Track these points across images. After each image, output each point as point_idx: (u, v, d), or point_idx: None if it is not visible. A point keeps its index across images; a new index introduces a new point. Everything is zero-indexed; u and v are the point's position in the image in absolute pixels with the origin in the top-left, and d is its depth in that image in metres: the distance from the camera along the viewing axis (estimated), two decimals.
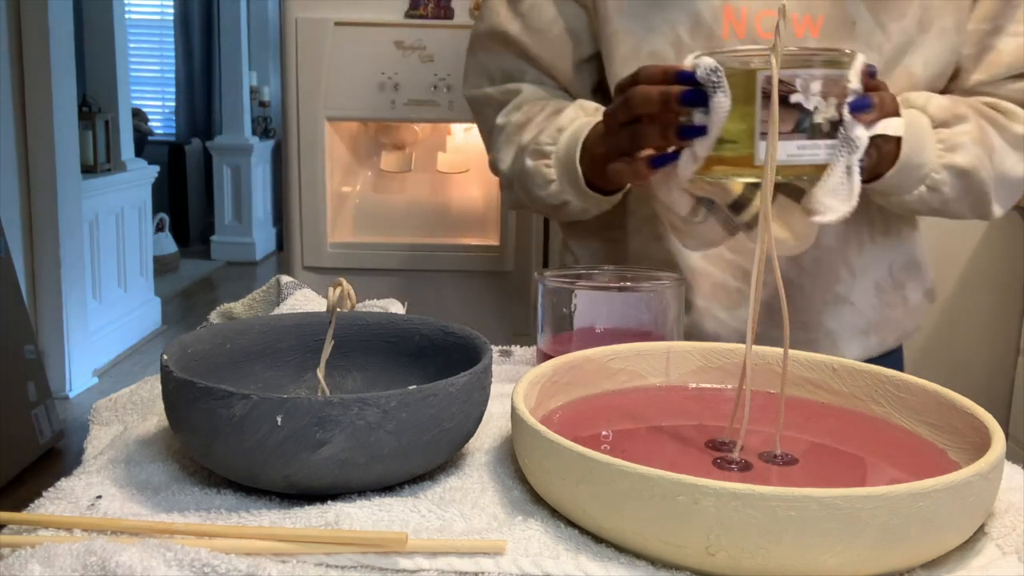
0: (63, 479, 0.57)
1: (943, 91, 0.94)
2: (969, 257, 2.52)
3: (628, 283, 0.82)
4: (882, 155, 0.83)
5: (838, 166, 0.71)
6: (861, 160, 0.71)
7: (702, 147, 0.71)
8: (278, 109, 6.13)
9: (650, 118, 0.75)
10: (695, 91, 0.71)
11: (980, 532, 0.53)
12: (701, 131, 0.71)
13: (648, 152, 0.77)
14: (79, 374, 3.60)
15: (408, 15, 2.19)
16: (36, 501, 0.54)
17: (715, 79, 0.69)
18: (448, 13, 2.20)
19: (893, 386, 0.67)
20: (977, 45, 0.94)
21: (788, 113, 0.68)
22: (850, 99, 0.70)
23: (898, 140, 0.83)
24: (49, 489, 0.56)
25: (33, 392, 2.97)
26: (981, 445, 0.56)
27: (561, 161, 0.92)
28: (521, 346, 0.93)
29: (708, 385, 0.72)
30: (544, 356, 0.78)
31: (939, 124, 0.88)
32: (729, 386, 0.71)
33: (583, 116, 0.94)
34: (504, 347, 0.92)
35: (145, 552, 0.46)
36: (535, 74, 1.02)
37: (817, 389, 0.69)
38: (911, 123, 0.85)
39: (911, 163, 0.85)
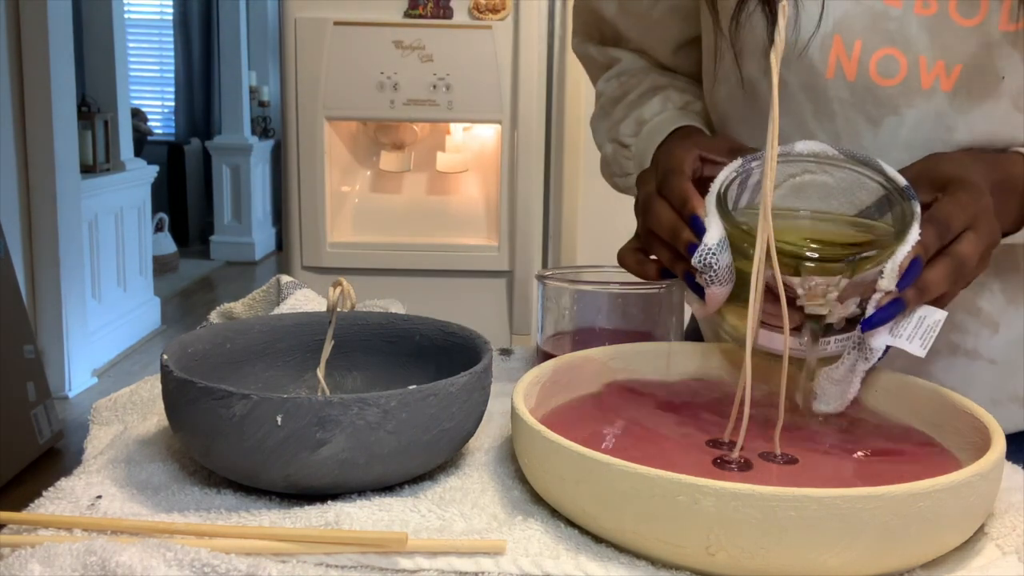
0: (63, 479, 0.57)
1: None
2: None
3: (628, 283, 0.82)
4: (996, 232, 0.65)
5: (847, 361, 0.63)
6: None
7: (700, 308, 0.66)
8: (277, 109, 6.13)
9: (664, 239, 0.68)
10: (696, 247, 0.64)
11: (980, 532, 0.53)
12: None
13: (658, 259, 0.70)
14: (78, 374, 3.60)
15: (407, 15, 2.19)
16: (36, 501, 0.54)
17: (708, 277, 0.63)
18: (447, 13, 2.20)
19: (893, 386, 0.67)
20: None
21: (794, 312, 0.61)
22: (873, 303, 0.60)
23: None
24: (49, 489, 0.56)
25: (33, 392, 2.97)
26: (981, 445, 0.56)
27: (638, 157, 0.86)
28: (521, 346, 0.93)
29: (708, 384, 0.72)
30: (544, 356, 0.78)
31: None
32: (726, 377, 0.71)
33: (669, 108, 0.86)
34: (504, 347, 0.92)
35: (145, 552, 0.46)
36: (633, 49, 0.94)
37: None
38: None
39: None
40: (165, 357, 0.59)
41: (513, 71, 2.21)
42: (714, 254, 0.62)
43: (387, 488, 0.57)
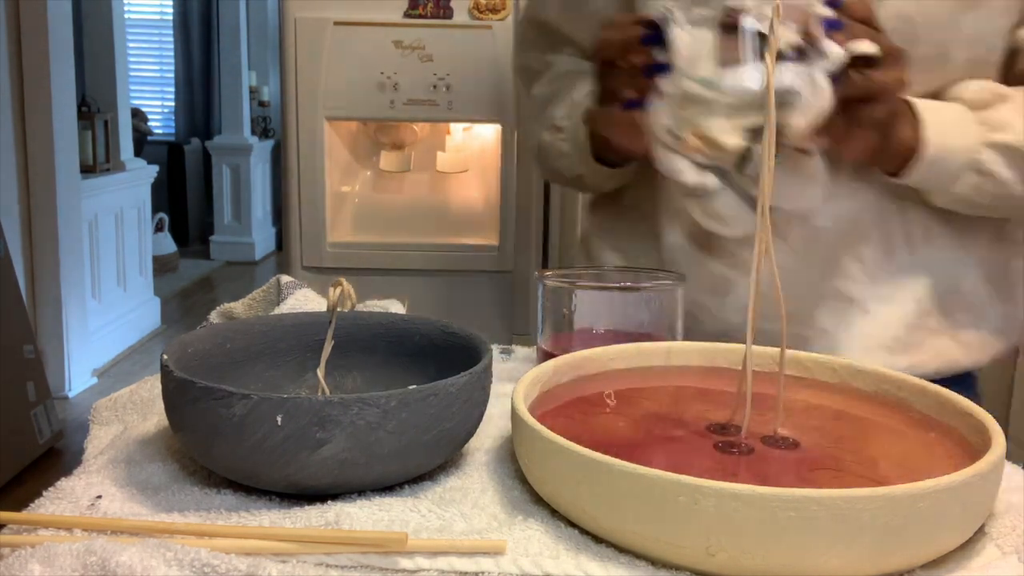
0: (63, 479, 0.57)
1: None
2: None
3: (628, 283, 0.82)
4: (897, 139, 0.76)
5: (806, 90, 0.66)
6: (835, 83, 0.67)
7: (666, 83, 0.69)
8: (277, 109, 6.13)
9: (619, 64, 0.74)
10: (655, 33, 0.70)
11: (980, 532, 0.53)
12: (665, 68, 0.69)
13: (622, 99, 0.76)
14: (79, 374, 3.60)
15: (407, 15, 2.19)
16: (36, 501, 0.54)
17: (669, 14, 0.69)
18: (447, 13, 2.20)
19: (893, 386, 0.67)
20: None
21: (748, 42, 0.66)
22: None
23: (915, 124, 0.77)
24: (49, 489, 0.56)
25: (33, 392, 2.97)
26: (981, 445, 0.56)
27: (572, 134, 0.91)
28: (521, 346, 0.93)
29: (709, 385, 0.72)
30: (545, 355, 0.78)
31: (978, 107, 0.80)
32: (727, 371, 0.71)
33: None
34: (504, 346, 0.92)
35: (145, 552, 0.46)
36: (572, 50, 0.98)
37: (816, 389, 0.69)
38: (941, 108, 0.78)
39: (945, 146, 0.77)
40: (165, 357, 0.59)
41: (513, 71, 2.21)
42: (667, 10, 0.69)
43: (387, 488, 0.57)
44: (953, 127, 0.78)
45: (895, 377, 0.67)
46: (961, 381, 0.90)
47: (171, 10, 6.56)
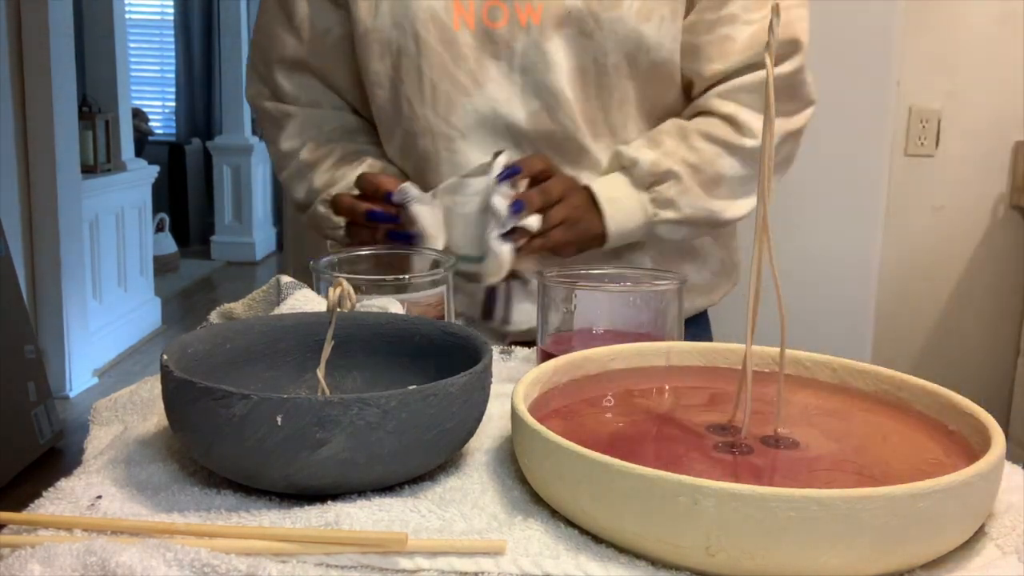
0: (63, 479, 0.57)
1: (689, 81, 1.03)
2: (969, 257, 2.52)
3: (628, 283, 0.82)
4: (588, 235, 0.98)
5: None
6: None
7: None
8: None
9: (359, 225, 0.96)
10: (382, 214, 0.93)
11: (980, 532, 0.53)
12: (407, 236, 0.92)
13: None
14: (79, 374, 3.60)
15: None
16: (36, 501, 0.54)
17: (408, 208, 0.91)
18: None
19: (893, 386, 0.67)
20: (708, 34, 0.99)
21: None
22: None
23: (599, 216, 0.97)
24: (49, 489, 0.56)
25: (33, 392, 2.97)
26: (981, 445, 0.56)
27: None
28: (521, 347, 0.93)
29: (709, 385, 0.72)
30: (545, 356, 0.78)
31: (650, 184, 0.99)
32: (732, 367, 0.71)
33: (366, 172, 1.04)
34: (504, 347, 0.92)
35: (145, 552, 0.46)
36: (307, 94, 1.09)
37: (816, 389, 0.69)
38: (616, 194, 0.98)
39: (626, 227, 0.99)
40: (165, 357, 0.59)
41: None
42: (405, 192, 0.91)
43: (387, 488, 0.57)
44: (628, 214, 0.99)
45: (895, 377, 0.67)
46: (699, 318, 1.14)
47: (172, 10, 6.56)
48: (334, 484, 0.55)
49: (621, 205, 0.98)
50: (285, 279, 0.84)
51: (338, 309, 0.64)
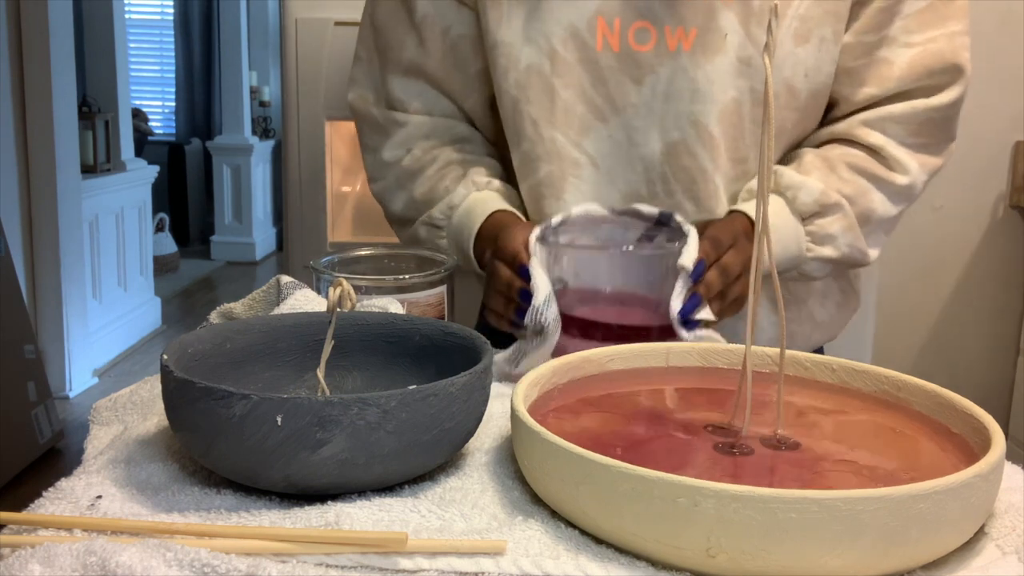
0: (63, 479, 0.57)
1: (831, 102, 0.96)
2: (969, 257, 2.52)
3: (628, 244, 0.83)
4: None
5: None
6: None
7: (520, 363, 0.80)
8: (278, 109, 6.13)
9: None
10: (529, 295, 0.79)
11: (980, 532, 0.53)
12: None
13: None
14: (79, 374, 3.60)
15: None
16: (36, 501, 0.54)
17: (539, 338, 0.79)
18: None
19: (893, 386, 0.67)
20: (864, 57, 0.92)
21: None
22: (677, 298, 0.79)
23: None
24: (49, 489, 0.56)
25: (33, 392, 2.97)
26: (981, 446, 0.56)
27: (453, 238, 0.99)
28: None
29: (708, 385, 0.72)
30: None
31: (811, 215, 0.91)
32: (731, 367, 0.71)
33: (473, 191, 0.98)
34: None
35: (145, 552, 0.46)
36: (420, 104, 1.03)
37: (815, 389, 0.69)
38: (775, 223, 0.89)
39: (776, 259, 0.89)
40: (165, 357, 0.59)
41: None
42: (542, 313, 0.77)
43: (387, 488, 0.57)
44: (780, 245, 0.91)
45: (895, 377, 0.67)
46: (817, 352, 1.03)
47: (172, 10, 6.56)
48: (334, 484, 0.55)
49: (778, 235, 0.90)
50: (285, 279, 0.84)
51: (338, 309, 0.64)
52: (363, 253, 0.92)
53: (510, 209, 0.97)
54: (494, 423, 0.68)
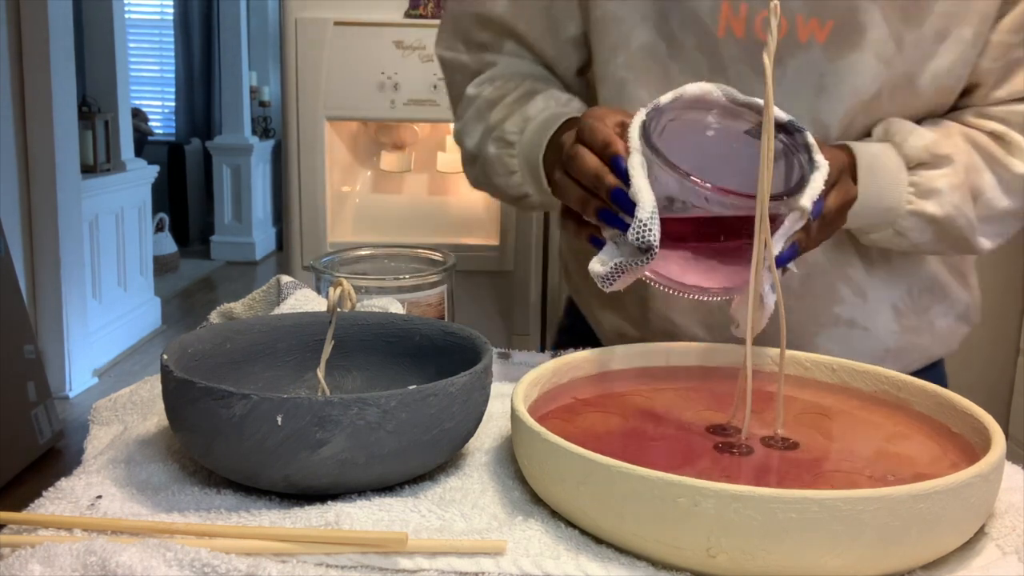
0: (63, 479, 0.57)
1: (953, 106, 0.86)
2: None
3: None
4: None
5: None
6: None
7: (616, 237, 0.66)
8: (278, 109, 6.13)
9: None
10: (624, 196, 0.65)
11: (980, 532, 0.53)
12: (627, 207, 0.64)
13: (590, 230, 0.72)
14: (79, 374, 3.59)
15: (408, 15, 2.19)
16: (36, 501, 0.54)
17: (646, 256, 0.63)
18: None
19: (893, 386, 0.67)
20: (1002, 58, 0.83)
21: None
22: (781, 239, 0.65)
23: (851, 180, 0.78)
24: (49, 489, 0.56)
25: (33, 392, 2.97)
26: (981, 445, 0.56)
27: (524, 153, 0.87)
28: (521, 349, 0.93)
29: (708, 385, 0.72)
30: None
31: (916, 165, 0.81)
32: (732, 367, 0.71)
33: (553, 107, 0.88)
34: (502, 350, 0.92)
35: (145, 552, 0.46)
36: (514, 46, 0.94)
37: (816, 389, 0.69)
38: (877, 164, 0.80)
39: (871, 206, 0.80)
40: (165, 357, 0.59)
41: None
42: (649, 229, 0.62)
43: (387, 488, 0.57)
44: (880, 191, 0.80)
45: (895, 377, 0.67)
46: (934, 368, 0.96)
47: (171, 10, 6.56)
48: (334, 484, 0.55)
49: (878, 178, 0.80)
50: (285, 279, 0.84)
51: (338, 309, 0.64)
52: (363, 253, 0.92)
53: None
54: (494, 423, 0.68)
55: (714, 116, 0.70)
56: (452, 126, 0.98)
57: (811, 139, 0.68)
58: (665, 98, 0.68)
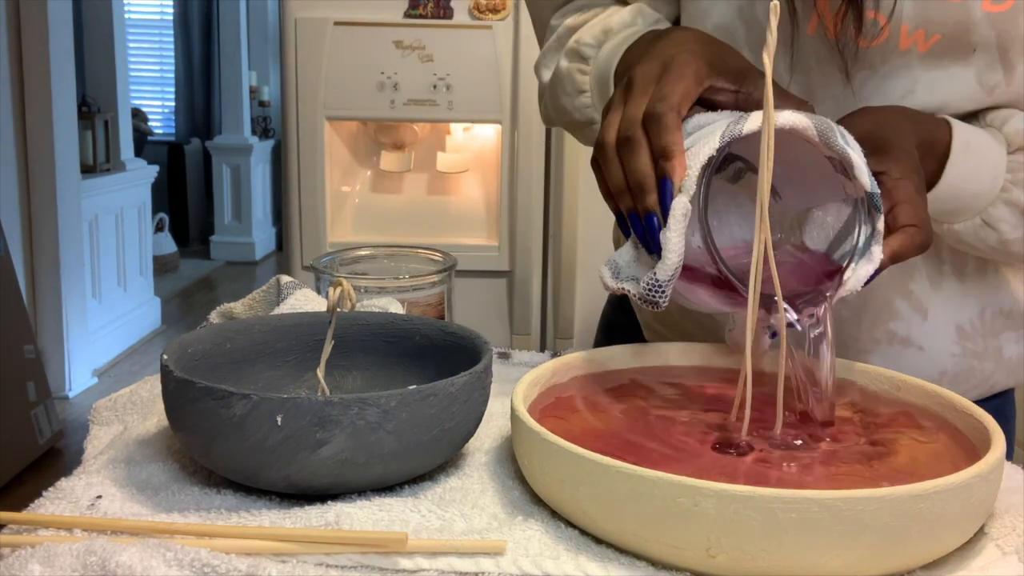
0: (63, 479, 0.57)
1: None
2: None
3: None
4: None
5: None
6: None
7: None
8: (278, 109, 6.13)
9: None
10: (655, 226, 0.59)
11: (980, 532, 0.53)
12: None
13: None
14: (79, 374, 3.59)
15: (407, 15, 2.20)
16: (36, 501, 0.54)
17: (649, 303, 0.59)
18: (447, 13, 2.20)
19: (893, 386, 0.67)
20: None
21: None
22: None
23: (942, 161, 0.70)
24: (49, 489, 0.56)
25: (33, 392, 2.97)
26: (981, 445, 0.56)
27: (599, 70, 0.77)
28: (521, 349, 0.93)
29: (709, 385, 0.72)
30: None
31: (1017, 149, 0.73)
32: (725, 370, 0.71)
33: (640, 23, 0.78)
34: (502, 350, 0.92)
35: (145, 552, 0.46)
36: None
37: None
38: (975, 140, 0.71)
39: (961, 188, 0.71)
40: (165, 357, 0.59)
41: (513, 71, 2.21)
42: (663, 293, 0.58)
43: (387, 488, 0.57)
44: (974, 170, 0.72)
45: (895, 377, 0.67)
46: (1000, 398, 0.86)
47: (171, 10, 6.56)
48: (334, 484, 0.55)
49: (973, 155, 0.71)
50: (285, 279, 0.84)
51: (338, 309, 0.64)
52: (363, 253, 0.92)
53: None
54: (494, 423, 0.68)
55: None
56: (535, 65, 0.88)
57: (880, 226, 0.62)
58: (748, 126, 0.58)
